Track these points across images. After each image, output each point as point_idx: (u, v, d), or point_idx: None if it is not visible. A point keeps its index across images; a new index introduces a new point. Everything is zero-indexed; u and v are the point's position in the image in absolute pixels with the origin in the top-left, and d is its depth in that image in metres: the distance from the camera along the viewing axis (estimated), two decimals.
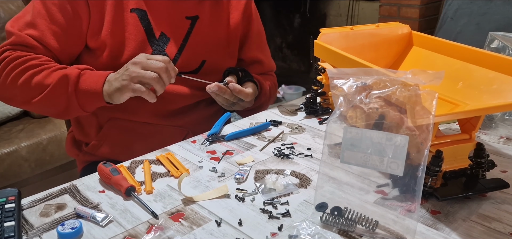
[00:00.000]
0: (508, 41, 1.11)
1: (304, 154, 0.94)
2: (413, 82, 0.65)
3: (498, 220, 0.71)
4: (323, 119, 1.13)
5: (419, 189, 0.62)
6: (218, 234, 0.69)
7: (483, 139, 0.99)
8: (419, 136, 0.65)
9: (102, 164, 0.85)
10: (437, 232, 0.68)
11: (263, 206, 0.75)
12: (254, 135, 1.04)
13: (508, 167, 0.87)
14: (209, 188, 0.82)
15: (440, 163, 0.71)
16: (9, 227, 0.68)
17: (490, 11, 2.28)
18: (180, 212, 0.74)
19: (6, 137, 2.12)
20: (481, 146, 0.75)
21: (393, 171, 0.65)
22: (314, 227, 0.68)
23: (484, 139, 1.00)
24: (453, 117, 0.87)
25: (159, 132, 1.19)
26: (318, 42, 1.04)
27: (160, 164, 0.91)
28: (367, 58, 0.86)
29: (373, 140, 0.65)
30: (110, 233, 0.70)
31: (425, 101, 0.64)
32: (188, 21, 1.18)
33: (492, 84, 0.84)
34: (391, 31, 1.10)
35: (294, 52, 4.22)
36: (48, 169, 2.19)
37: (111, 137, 1.19)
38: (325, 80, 1.11)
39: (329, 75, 0.72)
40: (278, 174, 0.86)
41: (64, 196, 0.80)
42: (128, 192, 0.78)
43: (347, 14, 3.61)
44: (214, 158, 0.93)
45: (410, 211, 0.65)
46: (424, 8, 2.86)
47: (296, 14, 4.05)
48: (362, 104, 0.68)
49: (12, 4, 2.41)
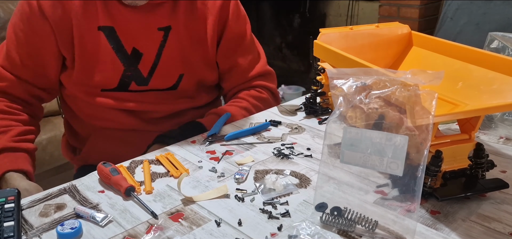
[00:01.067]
0: (507, 42, 1.11)
1: (304, 154, 0.94)
2: (412, 82, 0.65)
3: (497, 220, 0.71)
4: (323, 119, 1.13)
5: (418, 189, 0.62)
6: (217, 234, 0.69)
7: (483, 139, 0.99)
8: (419, 136, 0.65)
9: (102, 164, 0.85)
10: (436, 232, 0.68)
11: (262, 206, 0.75)
12: (254, 135, 1.04)
13: (508, 167, 0.87)
14: (208, 188, 0.82)
15: (440, 163, 0.71)
16: (8, 227, 0.68)
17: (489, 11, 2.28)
18: (180, 212, 0.74)
19: None
20: (481, 146, 0.75)
21: (392, 171, 0.65)
22: (314, 227, 0.68)
23: (484, 139, 1.00)
24: (453, 118, 0.87)
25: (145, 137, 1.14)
26: (318, 42, 1.04)
27: (160, 164, 0.91)
28: (366, 58, 0.86)
29: (372, 140, 0.65)
30: (109, 233, 0.70)
31: (424, 101, 0.64)
32: (161, 32, 1.12)
33: (492, 84, 0.84)
34: (390, 31, 1.10)
35: (294, 52, 4.22)
36: (47, 169, 2.18)
37: (99, 146, 1.18)
38: (324, 80, 1.11)
39: (329, 75, 0.72)
40: (278, 174, 0.86)
41: (63, 196, 0.80)
42: (128, 192, 0.78)
43: (346, 14, 3.60)
44: (214, 158, 0.93)
45: (410, 211, 0.65)
46: (424, 8, 2.86)
47: (296, 14, 4.05)
48: (362, 104, 0.68)
49: (12, 4, 2.41)
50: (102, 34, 1.08)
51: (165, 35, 1.12)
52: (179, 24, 1.13)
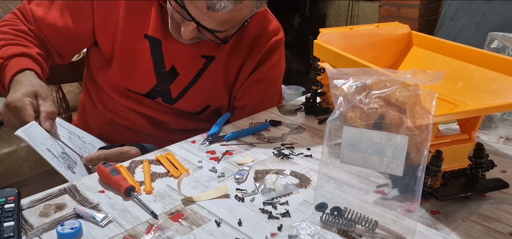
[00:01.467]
0: (507, 42, 1.11)
1: (304, 154, 0.94)
2: (412, 82, 0.65)
3: (497, 220, 0.71)
4: (323, 119, 1.13)
5: (418, 189, 0.62)
6: (217, 234, 0.69)
7: (483, 139, 0.99)
8: (419, 136, 0.65)
9: (102, 164, 0.85)
10: (436, 232, 0.68)
11: (262, 206, 0.75)
12: (254, 135, 1.04)
13: (508, 167, 0.87)
14: (208, 188, 0.82)
15: (440, 163, 0.71)
16: (8, 227, 0.68)
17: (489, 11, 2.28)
18: (180, 212, 0.74)
19: (6, 137, 2.12)
20: (481, 146, 0.75)
21: (392, 171, 0.65)
22: (314, 227, 0.68)
23: (484, 139, 1.00)
24: (453, 118, 0.87)
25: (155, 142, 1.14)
26: (318, 42, 1.04)
27: (160, 164, 0.91)
28: (366, 58, 0.86)
29: (372, 140, 0.65)
30: (109, 233, 0.70)
31: (424, 101, 0.64)
32: (203, 60, 1.12)
33: (492, 84, 0.84)
34: (390, 31, 1.10)
35: (294, 52, 4.22)
36: (47, 169, 2.16)
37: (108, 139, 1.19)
38: (324, 80, 1.11)
39: (329, 75, 0.72)
40: (278, 174, 0.86)
41: (63, 196, 0.80)
42: (128, 192, 0.78)
43: (347, 14, 3.60)
44: (214, 158, 0.93)
45: (410, 211, 0.65)
46: (424, 8, 2.86)
47: (296, 14, 4.05)
48: (362, 104, 0.68)
49: (12, 4, 2.41)
50: (147, 43, 1.08)
51: (206, 64, 1.12)
52: (223, 56, 1.13)
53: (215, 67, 1.13)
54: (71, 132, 1.05)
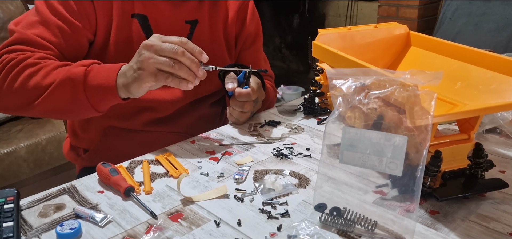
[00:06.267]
0: None
1: (303, 154, 0.94)
2: (411, 82, 0.65)
3: (496, 220, 0.71)
4: (322, 119, 1.13)
5: (418, 189, 0.63)
6: (217, 234, 0.69)
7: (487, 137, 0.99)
8: (418, 136, 0.65)
9: (101, 164, 0.85)
10: (436, 232, 0.68)
11: (262, 206, 0.75)
12: (253, 135, 1.04)
13: (507, 167, 0.87)
14: (208, 188, 0.82)
15: (439, 163, 0.71)
16: (8, 227, 0.68)
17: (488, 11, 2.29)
18: (179, 212, 0.74)
19: (5, 137, 2.12)
20: (480, 146, 0.75)
21: (392, 171, 0.65)
22: (313, 227, 0.68)
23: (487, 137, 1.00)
24: (452, 118, 0.87)
25: (156, 138, 1.15)
26: (316, 43, 1.04)
27: (159, 164, 0.91)
28: (365, 59, 0.86)
29: (372, 140, 0.65)
30: (109, 233, 0.70)
31: (423, 101, 0.64)
32: (188, 25, 1.16)
33: (491, 84, 0.84)
34: (389, 32, 1.10)
35: (293, 52, 4.22)
36: (47, 169, 2.18)
37: (108, 145, 1.18)
38: (323, 80, 1.11)
39: (328, 75, 0.72)
40: (277, 174, 0.86)
41: (63, 196, 0.80)
42: (127, 192, 0.78)
43: (346, 15, 3.61)
44: (213, 158, 0.93)
45: (409, 211, 0.65)
46: (423, 8, 2.87)
47: (295, 14, 4.05)
48: (361, 104, 0.68)
49: (12, 4, 2.41)
50: (136, 21, 1.10)
51: (191, 28, 1.17)
52: (205, 19, 1.18)
53: (201, 29, 1.17)
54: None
